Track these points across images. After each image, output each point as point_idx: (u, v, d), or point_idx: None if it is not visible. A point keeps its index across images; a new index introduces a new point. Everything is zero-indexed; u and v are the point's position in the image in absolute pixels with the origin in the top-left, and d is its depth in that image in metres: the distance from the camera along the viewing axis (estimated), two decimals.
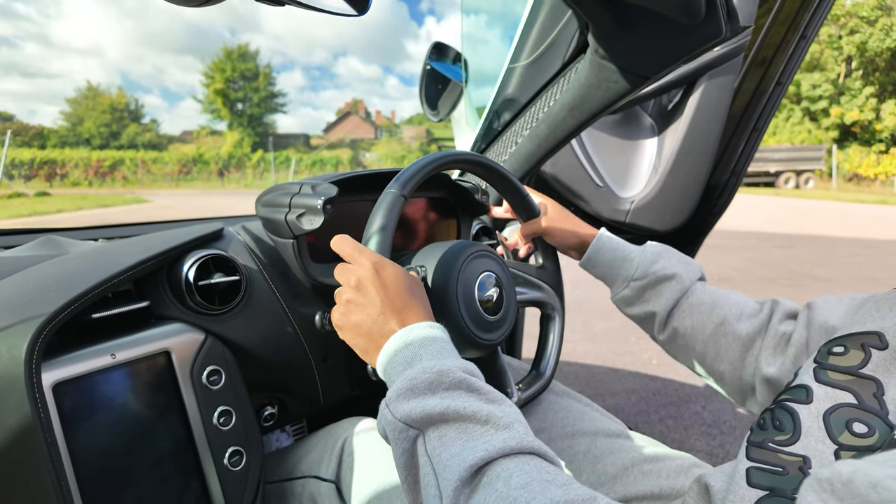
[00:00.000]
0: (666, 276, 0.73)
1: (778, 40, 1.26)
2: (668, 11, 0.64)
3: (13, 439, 0.47)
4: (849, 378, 0.44)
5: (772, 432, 0.45)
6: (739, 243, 6.37)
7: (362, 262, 0.54)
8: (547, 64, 0.96)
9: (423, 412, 0.43)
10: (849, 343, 0.46)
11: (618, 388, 2.23)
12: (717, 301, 0.70)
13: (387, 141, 36.86)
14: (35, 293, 0.53)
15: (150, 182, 25.01)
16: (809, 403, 0.45)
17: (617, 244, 0.78)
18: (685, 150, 1.14)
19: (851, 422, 0.41)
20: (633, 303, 0.76)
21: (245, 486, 0.63)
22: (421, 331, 0.50)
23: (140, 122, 33.30)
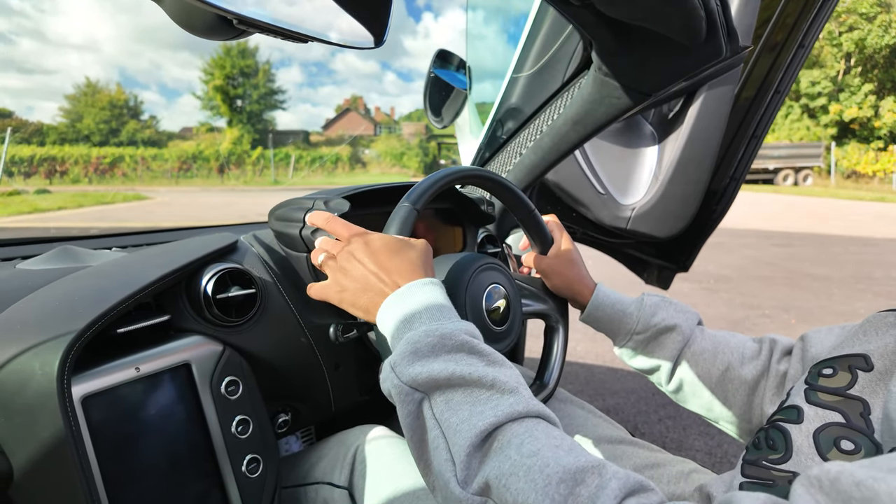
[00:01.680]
0: (667, 328, 0.74)
1: (776, 50, 1.28)
2: (670, 33, 0.66)
3: (47, 451, 0.49)
4: (837, 399, 0.47)
5: (765, 451, 0.48)
6: (738, 241, 6.40)
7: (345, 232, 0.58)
8: (550, 76, 0.99)
9: (428, 376, 0.44)
10: (837, 365, 0.48)
11: (617, 387, 2.25)
12: (718, 346, 0.71)
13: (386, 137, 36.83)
14: (63, 309, 0.55)
15: (149, 179, 24.98)
16: (800, 423, 0.47)
17: (615, 299, 0.78)
18: (685, 158, 1.16)
19: (839, 440, 0.44)
20: (638, 356, 0.77)
21: (262, 492, 0.65)
22: (420, 289, 0.52)
23: (139, 119, 33.24)
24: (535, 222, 0.80)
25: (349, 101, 43.98)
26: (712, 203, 1.34)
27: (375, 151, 33.49)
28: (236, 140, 28.66)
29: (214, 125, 33.06)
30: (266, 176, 26.26)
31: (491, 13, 1.37)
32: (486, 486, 0.39)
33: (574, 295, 0.80)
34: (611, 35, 0.70)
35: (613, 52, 0.73)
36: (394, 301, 0.52)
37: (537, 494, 0.36)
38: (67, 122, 31.74)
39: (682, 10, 0.61)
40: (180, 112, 67.42)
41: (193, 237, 0.86)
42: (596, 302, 0.79)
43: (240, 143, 28.55)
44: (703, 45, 0.69)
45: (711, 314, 3.45)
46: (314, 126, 62.94)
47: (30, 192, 16.80)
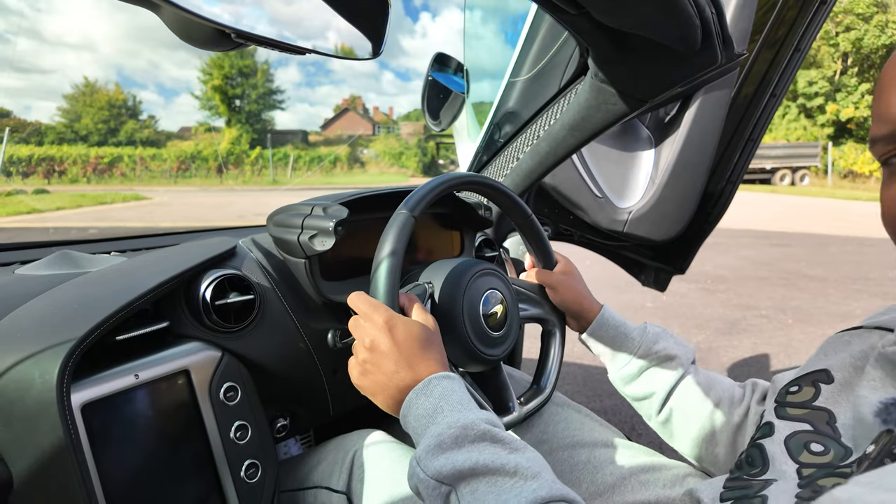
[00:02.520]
0: (668, 357, 0.75)
1: (773, 54, 1.29)
2: (666, 41, 0.67)
3: (47, 459, 0.49)
4: (804, 411, 0.50)
5: (745, 469, 0.51)
6: (735, 241, 6.42)
7: (375, 320, 0.56)
8: (547, 81, 0.99)
9: (453, 468, 0.45)
10: (802, 382, 0.52)
11: (614, 389, 2.25)
12: (711, 384, 0.73)
13: (384, 137, 36.81)
14: (63, 317, 0.55)
15: (148, 179, 24.96)
16: (773, 436, 0.50)
17: (619, 322, 0.79)
18: (681, 162, 1.17)
19: (809, 443, 0.47)
20: (635, 381, 0.77)
21: (261, 497, 0.65)
22: (438, 383, 0.52)
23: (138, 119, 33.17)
24: (532, 227, 0.81)
25: (347, 100, 43.98)
26: (709, 206, 1.35)
27: (374, 151, 33.48)
28: (235, 140, 28.60)
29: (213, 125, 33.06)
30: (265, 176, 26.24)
31: (489, 16, 1.38)
32: None
33: (582, 311, 0.80)
34: (607, 43, 0.70)
35: (610, 60, 0.74)
36: (415, 396, 0.53)
37: None
38: (66, 122, 31.69)
39: (677, 19, 0.61)
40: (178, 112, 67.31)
41: (192, 241, 0.86)
42: (601, 321, 0.79)
43: (238, 142, 28.49)
44: (699, 52, 0.69)
45: (709, 315, 3.46)
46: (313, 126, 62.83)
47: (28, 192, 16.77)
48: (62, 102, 33.14)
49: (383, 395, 0.56)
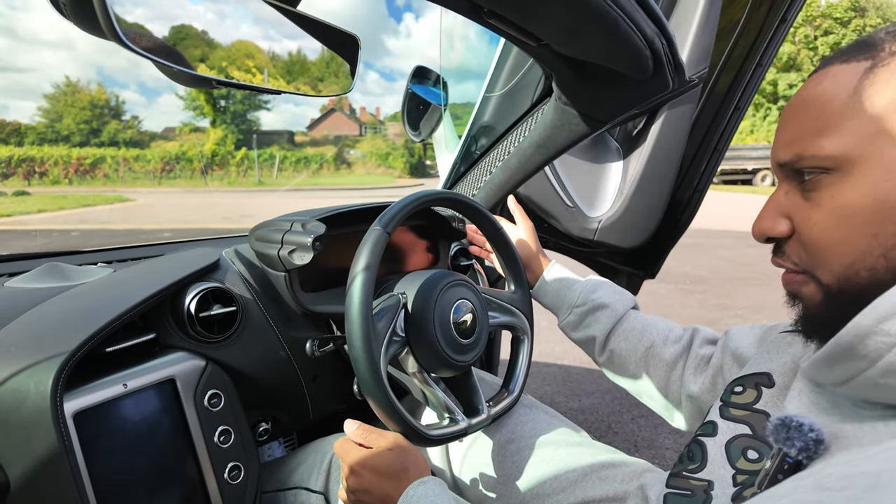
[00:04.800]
0: (603, 305, 0.84)
1: (736, 70, 1.36)
2: (620, 69, 0.72)
3: (42, 464, 0.53)
4: (746, 413, 0.53)
5: (686, 463, 0.54)
6: (715, 242, 6.55)
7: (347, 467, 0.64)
8: (518, 99, 1.04)
9: None
10: (746, 383, 0.55)
11: (593, 388, 2.33)
12: (646, 327, 0.81)
13: (371, 138, 36.71)
14: (55, 331, 0.59)
15: (132, 180, 24.64)
16: (715, 436, 0.53)
17: (564, 276, 0.89)
18: (648, 174, 1.23)
19: (746, 449, 0.50)
20: (577, 328, 0.87)
21: (244, 497, 0.69)
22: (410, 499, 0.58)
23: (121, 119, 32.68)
24: (502, 239, 0.86)
25: (334, 101, 43.72)
26: (677, 214, 1.41)
27: (361, 152, 33.39)
28: (220, 140, 28.33)
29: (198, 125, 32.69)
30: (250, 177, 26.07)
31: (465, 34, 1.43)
32: None
33: (531, 267, 0.91)
34: (568, 69, 0.75)
35: (571, 84, 0.79)
36: None
37: None
38: (46, 122, 31.13)
39: (628, 50, 0.67)
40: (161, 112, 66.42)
41: (177, 252, 0.90)
42: (546, 276, 0.90)
43: (223, 143, 28.22)
44: (651, 79, 0.75)
45: (686, 315, 3.55)
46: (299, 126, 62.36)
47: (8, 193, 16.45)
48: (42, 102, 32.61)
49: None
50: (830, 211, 0.41)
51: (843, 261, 0.41)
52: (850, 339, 0.37)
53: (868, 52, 0.40)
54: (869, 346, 0.36)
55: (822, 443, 0.39)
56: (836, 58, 0.43)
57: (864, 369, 0.37)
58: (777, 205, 0.46)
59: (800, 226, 0.44)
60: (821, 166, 0.41)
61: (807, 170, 0.42)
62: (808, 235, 0.43)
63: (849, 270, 0.40)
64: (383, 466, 0.61)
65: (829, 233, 0.42)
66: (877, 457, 0.30)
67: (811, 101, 0.42)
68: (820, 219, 0.42)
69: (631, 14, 0.61)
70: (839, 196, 0.40)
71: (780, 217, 0.46)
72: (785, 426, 0.42)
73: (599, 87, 0.78)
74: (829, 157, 0.40)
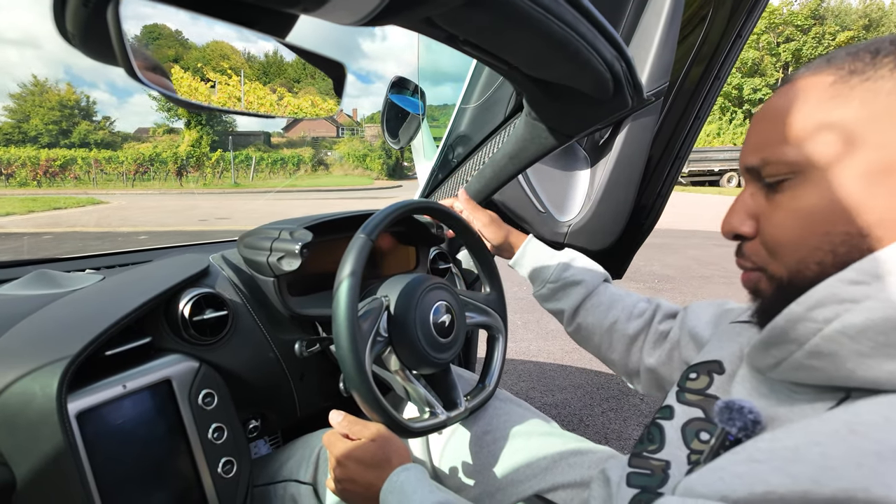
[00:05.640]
0: (574, 282, 0.91)
1: (695, 82, 1.45)
2: (584, 89, 0.79)
3: (49, 462, 0.57)
4: (699, 398, 0.57)
5: (646, 444, 0.59)
6: (684, 242, 6.75)
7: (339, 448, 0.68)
8: (492, 112, 1.11)
9: None
10: (699, 370, 0.60)
11: (566, 383, 2.41)
12: (613, 303, 0.88)
13: (349, 139, 36.47)
14: (57, 336, 0.63)
15: (104, 182, 23.94)
16: (672, 419, 0.58)
17: (540, 251, 0.97)
18: (613, 180, 1.31)
19: (699, 431, 0.54)
20: (548, 300, 0.94)
21: (236, 490, 0.74)
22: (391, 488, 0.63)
23: (92, 120, 31.67)
24: (477, 244, 0.92)
25: None
26: (641, 218, 1.49)
27: (338, 153, 33.13)
28: (195, 142, 27.71)
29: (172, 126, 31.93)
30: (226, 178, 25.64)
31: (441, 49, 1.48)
32: None
33: (511, 245, 0.99)
34: (536, 89, 0.82)
35: (540, 101, 0.85)
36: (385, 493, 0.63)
37: None
38: (13, 123, 29.99)
39: (590, 74, 0.73)
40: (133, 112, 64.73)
41: (164, 259, 0.93)
42: (522, 251, 0.98)
43: (199, 145, 27.61)
44: (613, 98, 0.81)
45: None
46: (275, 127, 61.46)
47: None
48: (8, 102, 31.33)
49: None
50: (791, 212, 0.45)
51: (797, 256, 0.45)
52: (784, 324, 0.43)
53: (830, 69, 0.45)
54: (799, 330, 0.41)
55: (759, 423, 0.45)
56: (804, 71, 0.48)
57: (793, 352, 0.42)
58: (744, 205, 0.50)
59: (763, 225, 0.48)
60: (784, 172, 0.45)
61: (771, 174, 0.46)
62: (769, 234, 0.47)
63: (800, 264, 0.45)
64: (367, 457, 0.66)
65: (788, 231, 0.46)
66: (796, 433, 0.36)
67: (778, 112, 0.46)
68: (781, 218, 0.46)
69: (592, 42, 0.68)
70: (799, 198, 0.44)
71: (747, 217, 0.50)
72: (728, 408, 0.47)
73: (566, 105, 0.84)
74: (791, 163, 0.44)
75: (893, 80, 0.41)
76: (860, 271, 0.39)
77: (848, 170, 0.42)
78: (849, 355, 0.38)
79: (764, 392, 0.49)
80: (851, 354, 0.38)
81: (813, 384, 0.43)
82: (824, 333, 0.40)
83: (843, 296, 0.39)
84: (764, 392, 0.49)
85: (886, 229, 0.40)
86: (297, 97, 0.61)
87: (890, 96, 0.41)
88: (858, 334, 0.38)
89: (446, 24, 0.57)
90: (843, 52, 0.45)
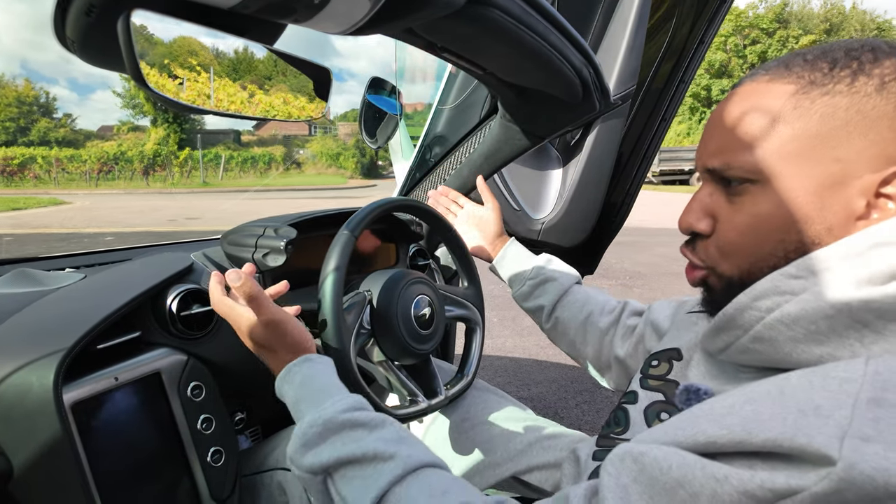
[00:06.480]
0: (551, 278, 0.96)
1: (661, 86, 1.52)
2: (555, 94, 0.84)
3: (46, 450, 0.59)
4: (660, 383, 0.61)
5: (613, 427, 0.63)
6: (653, 240, 6.93)
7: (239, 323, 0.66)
8: (469, 113, 1.15)
9: (320, 464, 0.52)
10: (660, 357, 0.64)
11: (541, 378, 2.48)
12: (587, 300, 0.93)
13: (321, 138, 36.07)
14: (51, 330, 0.64)
15: (66, 182, 23.12)
16: (636, 403, 0.62)
17: (519, 253, 1.01)
18: (584, 180, 1.37)
19: (660, 413, 0.59)
20: (528, 298, 0.98)
21: (225, 479, 0.76)
22: (298, 369, 0.61)
23: (52, 117, 30.46)
24: (455, 240, 0.96)
25: None
26: (611, 216, 1.56)
27: (311, 152, 32.76)
28: (162, 140, 26.94)
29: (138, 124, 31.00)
30: (195, 178, 25.10)
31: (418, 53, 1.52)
32: None
33: (490, 250, 1.04)
34: (511, 93, 0.86)
35: (514, 105, 0.90)
36: (280, 384, 0.62)
37: None
38: None
39: (560, 80, 0.78)
40: (96, 109, 62.55)
41: (146, 257, 0.95)
42: (502, 253, 1.02)
43: (166, 143, 26.86)
44: (582, 102, 0.87)
45: None
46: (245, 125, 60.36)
47: None
48: None
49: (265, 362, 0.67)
50: (750, 216, 0.47)
51: (751, 259, 0.48)
52: (732, 311, 0.47)
53: (791, 77, 0.46)
54: (745, 318, 0.46)
55: None
56: (762, 74, 0.49)
57: (739, 337, 0.47)
58: (701, 204, 0.52)
59: (721, 226, 0.50)
60: (747, 178, 0.47)
61: (734, 178, 0.48)
62: (726, 236, 0.50)
63: (753, 267, 0.48)
64: (262, 329, 0.64)
65: (745, 235, 0.48)
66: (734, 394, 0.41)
67: (741, 116, 0.48)
68: (740, 222, 0.48)
69: (562, 51, 0.73)
70: (759, 204, 0.46)
71: (704, 215, 0.52)
72: (687, 391, 0.53)
73: (538, 108, 0.89)
74: (754, 170, 0.46)
75: (849, 97, 0.43)
76: (799, 267, 0.44)
77: (806, 180, 0.44)
78: (785, 341, 0.43)
79: (715, 373, 0.54)
80: (787, 340, 0.43)
81: (756, 365, 0.48)
82: (766, 321, 0.44)
83: (784, 288, 0.44)
84: (715, 373, 0.54)
85: (835, 237, 0.44)
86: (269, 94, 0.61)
87: (847, 112, 0.43)
88: (793, 323, 0.43)
89: (426, 34, 0.62)
90: (801, 59, 0.47)
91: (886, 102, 0.42)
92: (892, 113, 0.42)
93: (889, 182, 0.43)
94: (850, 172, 0.43)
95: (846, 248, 0.42)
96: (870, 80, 0.43)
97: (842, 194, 0.44)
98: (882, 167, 0.43)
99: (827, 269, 0.42)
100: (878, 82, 0.43)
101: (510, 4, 0.58)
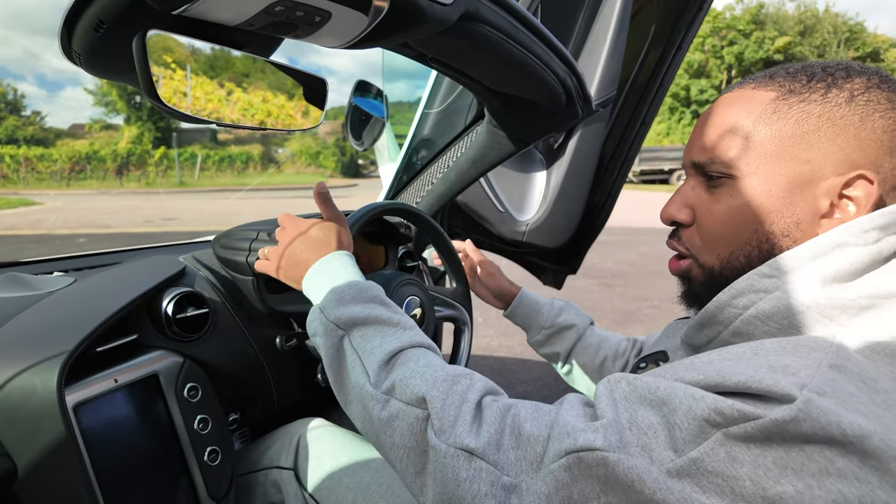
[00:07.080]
0: (567, 326, 0.97)
1: (640, 92, 1.57)
2: (539, 101, 0.87)
3: (50, 451, 0.60)
4: None
5: None
6: (636, 239, 7.06)
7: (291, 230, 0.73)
8: (455, 118, 1.18)
9: (350, 316, 0.59)
10: (648, 360, 0.68)
11: (526, 377, 2.53)
12: (602, 343, 0.95)
13: (301, 136, 35.65)
14: (51, 334, 0.66)
15: (35, 182, 22.47)
16: None
17: (533, 300, 1.02)
18: (567, 182, 1.41)
19: None
20: (544, 345, 1.00)
21: (221, 477, 0.78)
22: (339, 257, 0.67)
23: (20, 115, 29.54)
24: (444, 243, 0.99)
25: None
26: (593, 216, 1.61)
27: (290, 150, 32.43)
28: (135, 139, 26.31)
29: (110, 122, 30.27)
30: (170, 177, 24.64)
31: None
32: (392, 387, 0.53)
33: (503, 294, 1.04)
34: (497, 100, 0.90)
35: (500, 111, 0.93)
36: (319, 265, 0.67)
37: (429, 388, 0.50)
38: None
39: (544, 88, 0.82)
40: (66, 107, 60.91)
41: (136, 260, 0.95)
42: (518, 301, 1.02)
43: (140, 142, 26.26)
44: (565, 109, 0.90)
45: (607, 307, 3.87)
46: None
47: None
48: None
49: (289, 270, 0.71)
50: (728, 207, 0.52)
51: (729, 248, 0.53)
52: (713, 309, 0.52)
53: (773, 86, 0.51)
54: (725, 314, 0.51)
55: None
56: (749, 83, 0.54)
57: (720, 332, 0.52)
58: (684, 196, 0.57)
59: (702, 216, 0.55)
60: (727, 173, 0.52)
61: (715, 173, 0.53)
62: (707, 225, 0.54)
63: (731, 256, 0.53)
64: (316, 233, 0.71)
65: (723, 225, 0.53)
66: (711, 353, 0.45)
67: (726, 118, 0.53)
68: (719, 212, 0.53)
69: (547, 62, 0.76)
70: (737, 196, 0.51)
71: (685, 206, 0.57)
72: None
73: (523, 115, 0.92)
74: (734, 166, 0.51)
75: (822, 105, 0.48)
76: (772, 267, 0.49)
77: (779, 177, 0.49)
78: (762, 335, 0.48)
79: None
80: (763, 334, 0.48)
81: None
82: (743, 318, 0.49)
83: (758, 287, 0.49)
84: None
85: (802, 231, 0.49)
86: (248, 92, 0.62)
87: (819, 119, 0.48)
88: (768, 318, 0.47)
89: (418, 46, 0.64)
90: (783, 71, 0.52)
91: (853, 113, 0.47)
92: (857, 123, 0.47)
93: (851, 185, 0.48)
94: (817, 173, 0.48)
95: (812, 248, 0.47)
96: (841, 93, 0.48)
97: (809, 193, 0.49)
98: (846, 171, 0.48)
99: (795, 269, 0.47)
100: (848, 95, 0.48)
101: (498, 20, 0.61)
